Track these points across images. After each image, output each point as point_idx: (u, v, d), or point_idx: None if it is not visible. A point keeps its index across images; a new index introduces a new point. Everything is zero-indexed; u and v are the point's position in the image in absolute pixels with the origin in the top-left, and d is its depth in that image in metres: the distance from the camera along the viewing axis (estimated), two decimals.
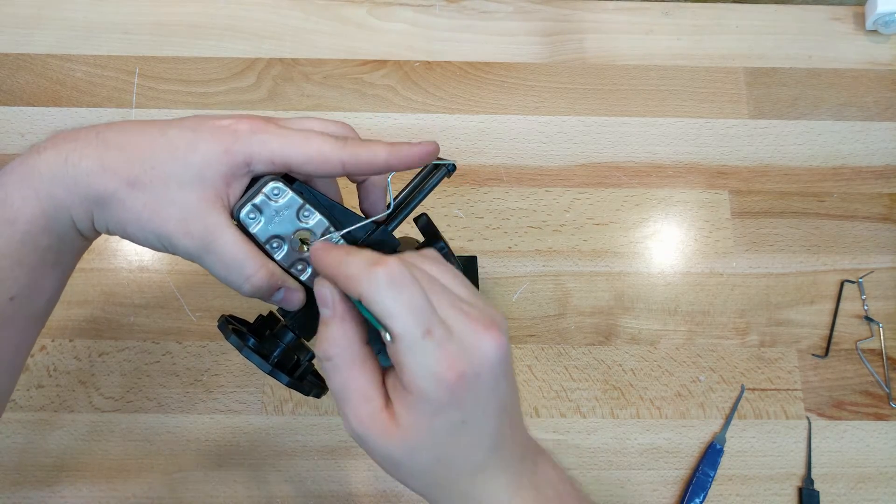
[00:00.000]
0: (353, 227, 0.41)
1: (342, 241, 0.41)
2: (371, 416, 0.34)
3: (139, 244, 0.38)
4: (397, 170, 0.40)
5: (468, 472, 0.35)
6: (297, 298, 0.40)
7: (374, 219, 0.42)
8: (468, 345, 0.33)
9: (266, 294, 0.39)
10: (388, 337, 0.32)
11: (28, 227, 0.36)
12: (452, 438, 0.33)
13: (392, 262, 0.32)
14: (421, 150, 0.39)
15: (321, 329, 0.35)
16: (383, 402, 0.34)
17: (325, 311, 0.35)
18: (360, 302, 0.33)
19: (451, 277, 0.36)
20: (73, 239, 0.39)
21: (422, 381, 0.32)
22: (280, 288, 0.39)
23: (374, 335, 0.36)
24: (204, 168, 0.37)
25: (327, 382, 0.35)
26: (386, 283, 0.32)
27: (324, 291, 0.35)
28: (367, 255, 0.34)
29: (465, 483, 0.35)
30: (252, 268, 0.38)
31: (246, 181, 0.39)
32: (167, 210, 0.36)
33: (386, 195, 0.43)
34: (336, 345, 0.34)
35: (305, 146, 0.38)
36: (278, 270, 0.39)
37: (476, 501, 0.35)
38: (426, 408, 0.33)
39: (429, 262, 0.37)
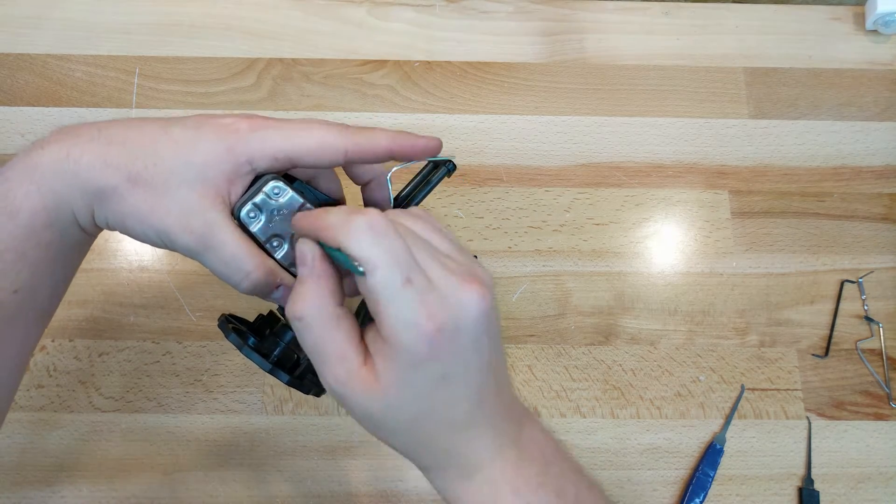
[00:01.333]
0: None
1: None
2: (349, 373, 0.33)
3: (138, 240, 0.38)
4: (398, 158, 0.39)
5: (449, 428, 0.34)
6: None
7: None
8: (449, 296, 0.32)
9: (264, 291, 0.39)
10: (360, 269, 0.31)
11: (30, 222, 0.36)
12: (433, 393, 0.33)
13: (372, 211, 0.32)
14: (424, 143, 0.39)
15: (295, 287, 0.35)
16: (361, 359, 0.33)
17: (302, 270, 0.35)
18: (338, 251, 0.32)
19: (434, 233, 0.36)
20: (75, 234, 0.39)
21: (401, 331, 0.31)
22: (279, 286, 0.39)
23: (363, 310, 0.35)
24: (206, 166, 0.37)
25: (300, 342, 0.35)
26: (365, 230, 0.31)
27: (304, 248, 0.35)
28: (347, 207, 0.33)
29: (447, 440, 0.35)
30: (251, 265, 0.38)
31: (248, 180, 0.39)
32: (168, 206, 0.37)
33: (390, 200, 0.44)
34: (309, 304, 0.34)
35: (307, 136, 0.38)
36: (277, 268, 0.39)
37: (458, 459, 0.35)
38: (405, 359, 0.32)
39: (412, 218, 0.36)
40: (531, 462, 0.36)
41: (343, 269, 0.35)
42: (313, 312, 0.34)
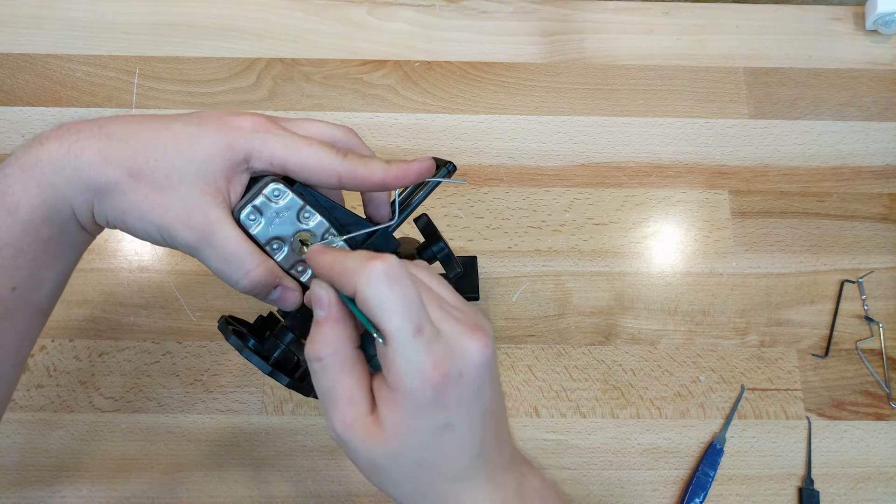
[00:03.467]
0: (357, 234, 0.41)
1: (343, 243, 0.41)
2: (355, 419, 0.34)
3: (138, 236, 0.38)
4: (392, 188, 0.40)
5: (451, 478, 0.34)
6: (293, 298, 0.40)
7: (381, 227, 0.42)
8: (454, 345, 0.33)
9: (263, 291, 0.39)
10: (380, 340, 0.32)
11: (29, 217, 0.36)
12: (436, 441, 0.33)
13: (389, 257, 0.33)
14: (417, 169, 0.40)
15: (313, 329, 0.35)
16: (369, 406, 0.34)
17: (318, 313, 0.35)
18: (353, 302, 0.33)
19: (440, 285, 0.37)
20: (74, 231, 0.39)
21: (407, 379, 0.32)
22: (277, 286, 0.39)
23: (367, 339, 0.36)
24: (206, 162, 0.37)
25: (314, 384, 0.35)
26: (382, 277, 0.32)
27: (319, 292, 0.35)
28: (364, 252, 0.34)
29: (448, 490, 0.35)
30: (251, 263, 0.38)
31: (246, 178, 0.39)
32: (168, 201, 0.37)
33: (390, 198, 0.44)
34: (327, 346, 0.34)
35: (305, 153, 0.38)
36: (276, 268, 0.39)
37: None
38: (410, 407, 0.32)
39: (419, 269, 0.37)
40: None
41: (359, 325, 0.35)
42: (332, 355, 0.34)
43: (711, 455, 0.60)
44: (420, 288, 0.34)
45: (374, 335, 0.32)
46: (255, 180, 0.40)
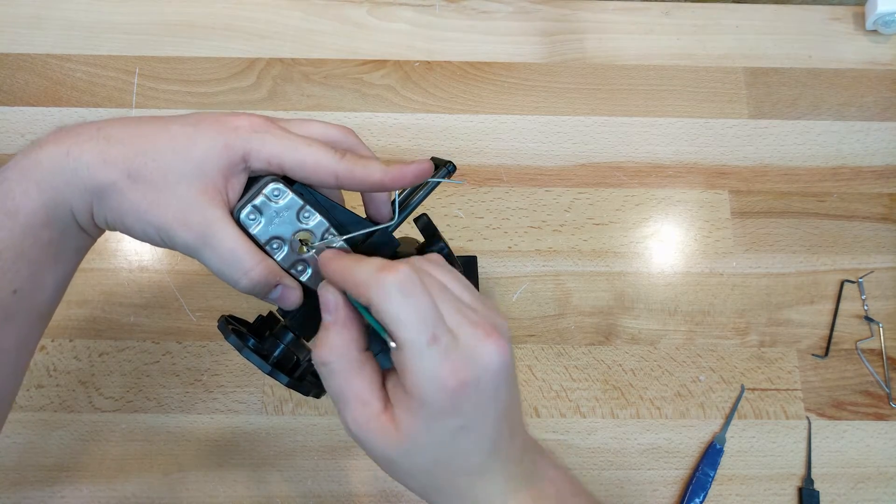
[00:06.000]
0: (356, 234, 0.41)
1: (343, 243, 0.41)
2: (369, 419, 0.34)
3: (137, 238, 0.38)
4: (390, 189, 0.40)
5: (465, 474, 0.35)
6: (294, 297, 0.40)
7: (381, 226, 0.42)
8: (471, 351, 0.33)
9: (263, 290, 0.39)
10: (393, 345, 0.32)
11: (29, 220, 0.36)
12: (451, 442, 0.34)
13: (402, 268, 0.33)
14: (415, 170, 0.40)
15: (321, 334, 0.36)
16: (382, 405, 0.34)
17: (326, 317, 0.36)
18: (365, 308, 0.33)
19: (456, 283, 0.37)
20: (74, 234, 0.39)
21: (424, 386, 0.32)
22: (277, 285, 0.39)
23: (376, 336, 0.36)
24: (203, 162, 0.37)
25: (325, 386, 0.36)
26: (396, 290, 0.32)
27: (328, 297, 0.36)
28: (377, 261, 0.34)
29: (463, 485, 0.35)
30: (250, 262, 0.38)
31: (244, 178, 0.39)
32: (166, 202, 0.37)
33: (390, 198, 0.44)
34: (333, 351, 0.35)
35: (303, 153, 0.38)
36: (276, 267, 0.39)
37: (473, 502, 0.36)
38: (426, 412, 0.33)
39: (434, 267, 0.37)
40: (546, 500, 0.37)
41: (371, 329, 0.36)
42: (338, 358, 0.35)
43: (711, 455, 0.60)
44: (435, 291, 0.34)
45: (387, 339, 0.32)
46: (255, 180, 0.40)
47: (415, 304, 0.32)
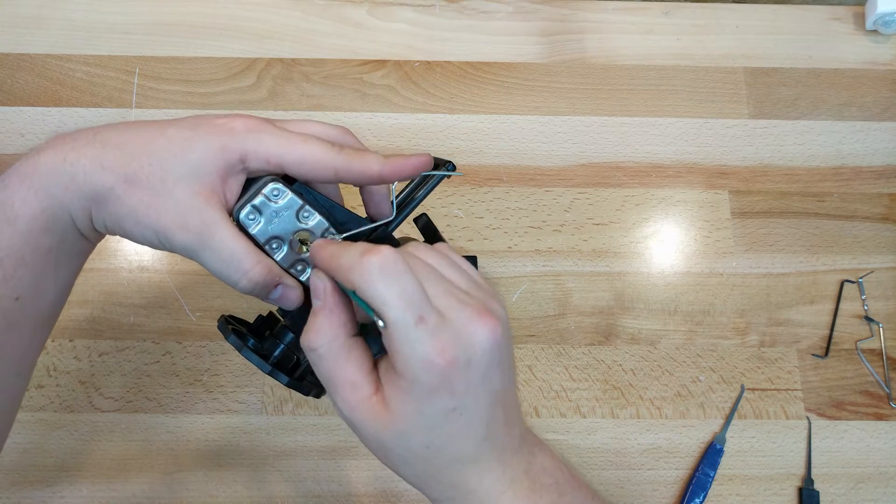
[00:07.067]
0: (355, 231, 0.41)
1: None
2: (360, 401, 0.34)
3: (136, 241, 0.38)
4: (389, 182, 0.40)
5: (458, 461, 0.35)
6: (294, 296, 0.40)
7: (378, 223, 0.42)
8: (460, 331, 0.33)
9: (263, 290, 0.39)
10: (381, 324, 0.32)
11: (29, 227, 0.36)
12: (443, 425, 0.33)
13: (385, 250, 0.33)
14: (414, 163, 0.40)
15: (310, 319, 0.36)
16: (373, 388, 0.34)
17: (316, 302, 0.36)
18: (354, 293, 0.33)
19: (449, 267, 0.37)
20: (74, 239, 0.39)
21: (413, 366, 0.32)
22: (277, 285, 0.39)
23: (375, 334, 0.36)
24: (200, 165, 0.37)
25: (315, 372, 0.36)
26: (378, 272, 0.32)
27: (317, 282, 0.36)
28: (362, 245, 0.34)
29: (455, 473, 0.35)
30: (249, 263, 0.38)
31: (242, 179, 0.39)
32: (164, 205, 0.37)
33: (390, 197, 0.44)
34: (322, 336, 0.35)
35: (301, 149, 0.38)
36: (276, 267, 0.39)
37: (467, 493, 0.35)
38: (417, 392, 0.33)
39: (425, 251, 0.37)
40: (543, 492, 0.36)
41: (360, 311, 0.36)
42: (326, 344, 0.35)
43: (711, 455, 0.60)
44: (422, 273, 0.34)
45: (376, 320, 0.32)
46: (253, 181, 0.40)
47: (398, 284, 0.32)
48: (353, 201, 0.45)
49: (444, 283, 0.35)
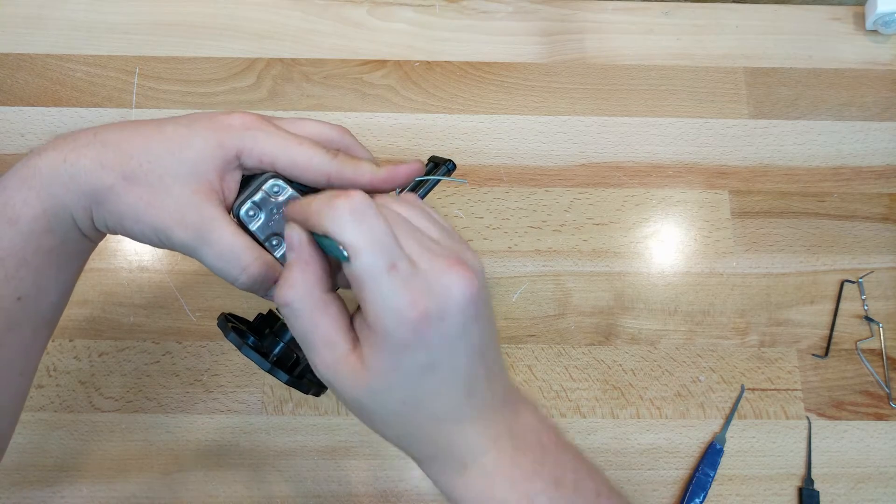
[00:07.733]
0: None
1: None
2: (337, 360, 0.33)
3: (137, 239, 0.38)
4: (381, 191, 0.40)
5: (438, 419, 0.34)
6: None
7: None
8: (434, 282, 0.32)
9: (262, 287, 0.39)
10: (345, 254, 0.31)
11: (30, 228, 0.37)
12: (420, 381, 0.33)
13: (355, 194, 0.32)
14: (406, 171, 0.40)
15: (283, 273, 0.35)
16: (350, 346, 0.33)
17: (289, 255, 0.35)
18: (324, 237, 0.32)
19: (423, 218, 0.36)
20: (76, 239, 0.39)
21: (385, 318, 0.31)
22: (276, 281, 0.39)
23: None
24: (198, 162, 0.37)
25: (290, 329, 0.35)
26: (348, 213, 0.31)
27: (291, 234, 0.34)
28: (331, 191, 0.33)
29: (436, 431, 0.34)
30: (248, 258, 0.38)
31: (238, 175, 0.39)
32: (163, 202, 0.37)
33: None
34: (296, 290, 0.34)
35: (295, 152, 0.38)
36: (275, 262, 0.39)
37: (449, 451, 0.34)
38: (391, 346, 0.32)
39: (399, 203, 0.36)
40: (527, 451, 0.35)
41: (332, 258, 0.35)
42: (300, 298, 0.34)
43: (711, 455, 0.60)
44: (394, 220, 0.33)
45: (342, 255, 0.31)
46: (252, 177, 0.40)
47: (368, 227, 0.31)
48: None
49: (415, 233, 0.34)
